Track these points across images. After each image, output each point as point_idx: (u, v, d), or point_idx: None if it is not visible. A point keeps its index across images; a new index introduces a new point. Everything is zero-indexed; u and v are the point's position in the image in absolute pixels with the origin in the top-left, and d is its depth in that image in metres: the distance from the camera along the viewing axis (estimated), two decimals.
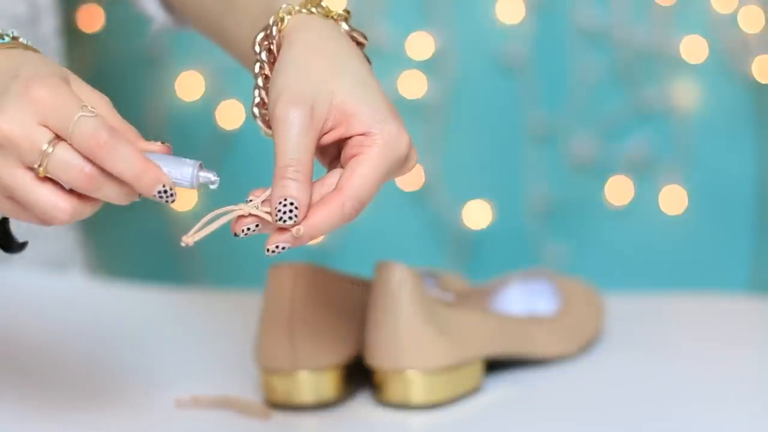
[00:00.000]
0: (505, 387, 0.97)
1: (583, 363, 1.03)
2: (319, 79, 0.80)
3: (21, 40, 0.81)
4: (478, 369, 0.96)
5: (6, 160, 0.76)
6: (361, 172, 0.78)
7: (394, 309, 0.91)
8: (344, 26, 0.83)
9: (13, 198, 0.77)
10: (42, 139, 0.75)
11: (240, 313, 0.94)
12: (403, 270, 0.91)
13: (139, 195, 0.78)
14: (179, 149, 1.56)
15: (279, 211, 0.77)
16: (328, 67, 0.80)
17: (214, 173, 0.80)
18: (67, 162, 0.75)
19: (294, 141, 0.79)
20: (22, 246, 0.84)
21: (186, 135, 1.83)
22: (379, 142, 0.79)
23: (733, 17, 1.99)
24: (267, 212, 0.78)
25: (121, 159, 0.76)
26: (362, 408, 0.94)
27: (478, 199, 2.03)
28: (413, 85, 1.75)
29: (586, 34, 2.01)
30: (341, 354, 0.93)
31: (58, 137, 0.76)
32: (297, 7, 0.82)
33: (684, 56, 2.00)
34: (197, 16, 0.95)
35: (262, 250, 1.30)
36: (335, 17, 0.83)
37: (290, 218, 0.77)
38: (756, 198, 2.04)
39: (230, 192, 2.10)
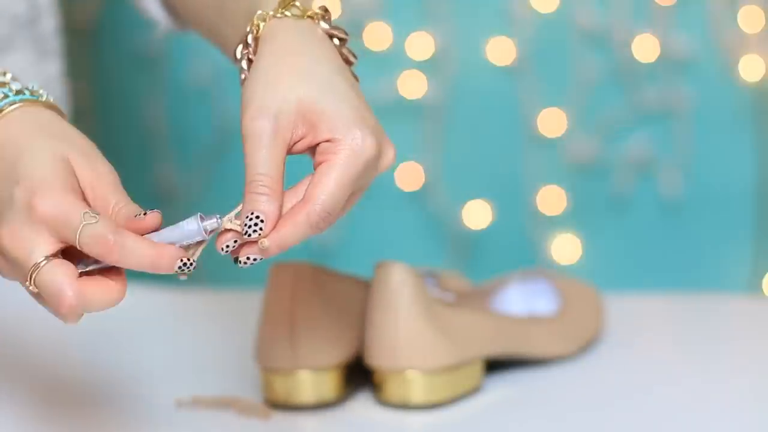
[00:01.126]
0: (504, 387, 0.97)
1: (583, 363, 1.03)
2: (285, 87, 0.79)
3: (42, 92, 0.82)
4: (478, 369, 0.96)
5: (8, 272, 0.80)
6: (325, 181, 0.78)
7: (394, 309, 0.91)
8: (323, 25, 0.82)
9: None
10: (38, 255, 0.77)
11: (240, 312, 0.94)
12: (403, 270, 0.91)
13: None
14: (180, 147, 1.57)
15: (246, 225, 0.78)
16: (295, 73, 0.80)
17: (216, 217, 0.80)
18: (47, 284, 0.77)
19: (260, 154, 0.80)
20: None
21: (186, 133, 1.83)
22: (344, 148, 0.78)
23: (732, 17, 1.99)
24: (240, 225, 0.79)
25: (133, 255, 0.78)
26: (362, 408, 0.94)
27: (478, 198, 2.03)
28: (413, 85, 1.75)
29: (586, 34, 2.01)
30: (341, 354, 0.93)
31: (66, 244, 0.77)
32: (271, 12, 0.81)
33: (684, 56, 2.00)
34: (196, 21, 0.95)
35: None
36: (312, 16, 0.82)
37: (255, 231, 0.78)
38: (755, 197, 2.04)
39: (230, 190, 2.11)
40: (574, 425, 0.91)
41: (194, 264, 0.79)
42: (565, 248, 2.06)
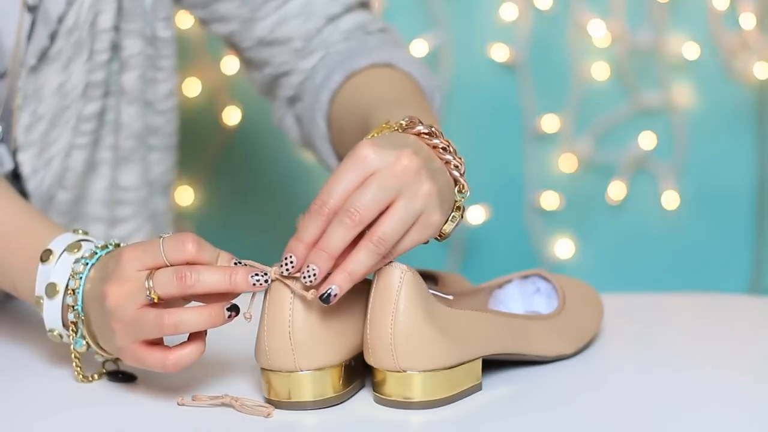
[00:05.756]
0: (504, 386, 0.97)
1: (582, 362, 1.03)
2: None
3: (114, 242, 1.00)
4: (477, 368, 0.96)
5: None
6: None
7: (394, 308, 0.91)
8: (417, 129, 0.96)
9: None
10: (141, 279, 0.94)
11: (241, 313, 0.94)
12: (403, 270, 0.92)
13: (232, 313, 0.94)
14: (185, 145, 1.57)
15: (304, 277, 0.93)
16: None
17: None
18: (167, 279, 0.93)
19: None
20: (131, 378, 1.01)
21: (191, 132, 1.84)
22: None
23: (732, 17, 1.99)
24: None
25: (206, 280, 0.93)
26: (362, 407, 0.94)
27: (477, 198, 2.03)
28: None
29: (587, 33, 2.01)
30: (341, 353, 0.94)
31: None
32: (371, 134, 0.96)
33: (683, 56, 2.01)
34: (339, 143, 1.20)
35: (262, 252, 1.30)
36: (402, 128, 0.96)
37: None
38: (755, 198, 2.04)
39: (231, 187, 2.11)
40: (573, 424, 0.91)
41: (268, 274, 0.92)
42: (564, 248, 2.06)
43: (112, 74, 1.22)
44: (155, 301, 0.93)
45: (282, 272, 0.91)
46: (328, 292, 0.90)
